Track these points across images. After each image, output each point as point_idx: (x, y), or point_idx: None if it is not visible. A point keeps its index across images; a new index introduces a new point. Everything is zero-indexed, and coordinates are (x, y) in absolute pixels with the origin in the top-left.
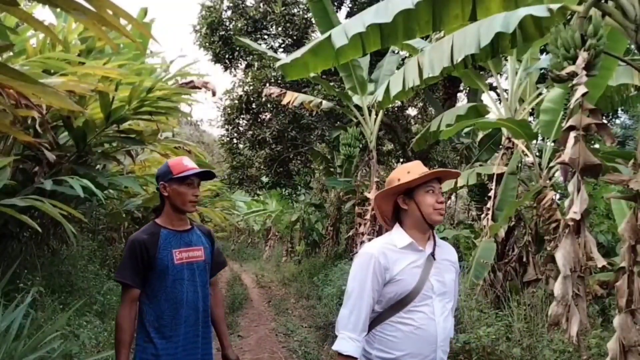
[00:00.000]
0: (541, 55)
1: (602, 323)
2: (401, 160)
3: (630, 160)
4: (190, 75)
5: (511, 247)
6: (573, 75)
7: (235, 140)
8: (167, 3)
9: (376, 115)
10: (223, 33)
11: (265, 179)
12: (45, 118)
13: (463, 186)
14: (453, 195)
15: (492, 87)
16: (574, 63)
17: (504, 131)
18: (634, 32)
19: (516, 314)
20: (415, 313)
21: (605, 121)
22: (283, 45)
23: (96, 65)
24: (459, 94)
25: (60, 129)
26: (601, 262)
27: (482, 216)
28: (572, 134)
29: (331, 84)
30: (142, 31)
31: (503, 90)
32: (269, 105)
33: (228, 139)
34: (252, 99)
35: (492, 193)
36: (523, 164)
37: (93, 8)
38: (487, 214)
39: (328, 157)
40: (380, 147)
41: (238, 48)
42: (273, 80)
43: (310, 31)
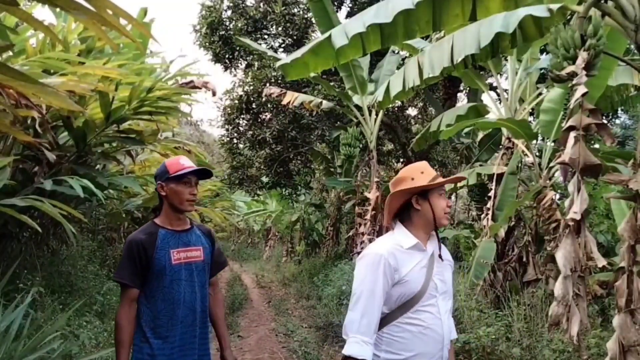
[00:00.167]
0: (541, 55)
1: (602, 323)
2: (401, 160)
3: (630, 160)
4: (190, 75)
5: (511, 247)
6: (573, 75)
7: (235, 140)
8: (167, 3)
9: (376, 115)
10: (223, 33)
11: (265, 179)
12: (45, 118)
13: (463, 186)
14: (453, 195)
15: (492, 87)
16: (574, 63)
17: (504, 131)
18: (634, 32)
19: (516, 314)
20: (422, 313)
21: (605, 121)
22: (283, 45)
23: (96, 65)
24: (459, 94)
25: (60, 129)
26: (602, 262)
27: (482, 216)
28: (572, 134)
29: (331, 84)
30: (142, 31)
31: (503, 90)
32: (269, 105)
33: (228, 139)
34: (252, 99)
35: (492, 193)
36: (523, 164)
37: (93, 8)
38: (487, 214)
39: (328, 157)
40: (380, 147)
41: (238, 48)
42: (273, 80)
43: (310, 31)
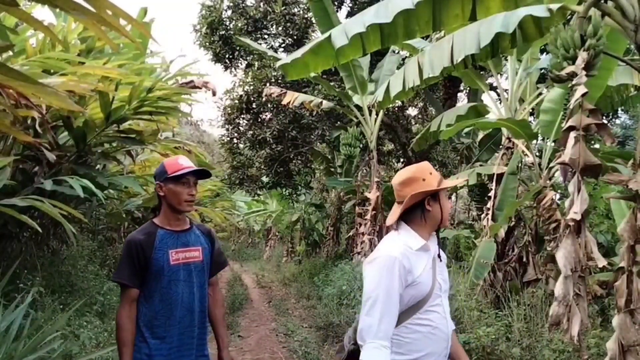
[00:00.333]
0: (541, 55)
1: (602, 323)
2: (401, 160)
3: (630, 160)
4: (190, 75)
5: (511, 247)
6: (573, 75)
7: (235, 140)
8: (167, 3)
9: (376, 115)
10: (223, 33)
11: (265, 179)
12: (45, 118)
13: (463, 186)
14: (453, 195)
15: (492, 87)
16: (574, 63)
17: (504, 131)
18: (634, 33)
19: (516, 314)
20: (431, 313)
21: (605, 121)
22: (283, 45)
23: (96, 65)
24: (459, 94)
25: (60, 129)
26: (602, 262)
27: (482, 216)
28: (572, 134)
29: (331, 84)
30: (142, 31)
31: (503, 90)
32: (270, 105)
33: (228, 139)
34: (253, 99)
35: (492, 193)
36: (523, 164)
37: (93, 8)
38: (487, 214)
39: (328, 157)
40: (380, 147)
41: (238, 48)
42: (273, 80)
43: (310, 31)
